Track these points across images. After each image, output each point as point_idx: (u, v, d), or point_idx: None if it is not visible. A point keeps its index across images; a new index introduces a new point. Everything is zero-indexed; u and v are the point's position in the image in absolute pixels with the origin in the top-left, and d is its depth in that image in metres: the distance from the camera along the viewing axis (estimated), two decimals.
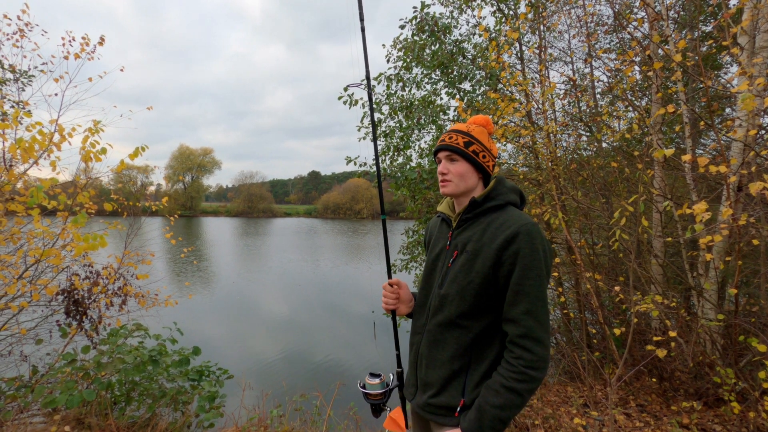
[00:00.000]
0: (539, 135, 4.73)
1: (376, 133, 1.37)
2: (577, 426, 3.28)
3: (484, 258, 1.25)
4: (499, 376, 1.20)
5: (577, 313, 4.95)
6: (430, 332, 1.38)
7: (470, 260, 1.29)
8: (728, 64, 6.05)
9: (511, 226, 1.23)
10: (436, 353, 1.35)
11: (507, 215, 1.29)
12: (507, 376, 1.18)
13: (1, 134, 3.30)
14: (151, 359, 3.68)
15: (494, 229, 1.27)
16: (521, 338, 1.19)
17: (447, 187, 1.38)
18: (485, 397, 1.20)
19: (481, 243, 1.28)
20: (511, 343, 1.21)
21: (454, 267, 1.33)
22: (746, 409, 3.10)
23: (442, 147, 1.39)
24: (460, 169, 1.35)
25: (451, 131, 1.41)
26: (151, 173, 57.51)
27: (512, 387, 1.17)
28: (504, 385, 1.18)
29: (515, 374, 1.17)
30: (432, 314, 1.38)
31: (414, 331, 1.49)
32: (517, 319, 1.20)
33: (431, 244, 1.52)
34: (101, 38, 4.21)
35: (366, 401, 1.56)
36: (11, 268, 3.52)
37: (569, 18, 6.14)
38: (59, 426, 3.20)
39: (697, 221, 2.41)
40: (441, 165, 1.40)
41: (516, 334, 1.20)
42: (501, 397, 1.17)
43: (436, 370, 1.34)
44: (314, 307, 12.98)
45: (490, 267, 1.24)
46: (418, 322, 1.47)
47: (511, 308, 1.22)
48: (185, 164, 69.25)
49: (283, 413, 3.79)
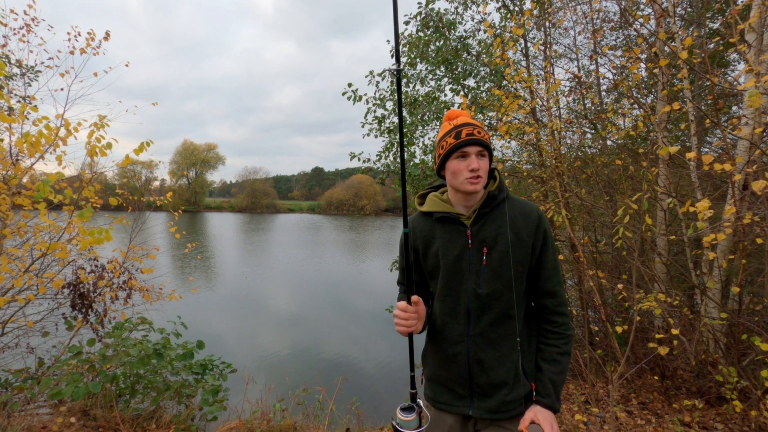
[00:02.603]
0: (543, 132, 4.72)
1: (403, 127, 1.17)
2: (579, 423, 3.29)
3: (522, 246, 1.30)
4: (551, 347, 1.33)
5: (579, 311, 4.95)
6: (481, 336, 1.32)
7: (509, 252, 1.29)
8: (735, 62, 5.99)
9: (531, 211, 1.33)
10: (496, 352, 1.32)
11: (518, 203, 1.36)
12: (559, 343, 1.32)
13: (8, 128, 3.33)
14: (155, 352, 3.71)
15: (516, 216, 1.32)
16: (560, 306, 1.34)
17: (479, 184, 1.29)
18: (549, 369, 1.31)
19: (513, 233, 1.30)
20: (553, 314, 1.34)
21: (491, 262, 1.30)
22: (748, 407, 3.09)
23: (473, 141, 1.27)
24: (487, 165, 1.32)
25: (472, 125, 1.31)
26: (155, 168, 57.78)
27: (566, 351, 1.32)
28: (560, 352, 1.31)
29: (564, 339, 1.32)
30: (476, 317, 1.32)
31: (451, 341, 1.36)
32: (554, 291, 1.33)
33: (437, 247, 1.37)
34: (106, 33, 4.22)
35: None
36: (18, 261, 3.56)
37: (575, 14, 6.10)
38: (65, 417, 3.24)
39: (700, 218, 2.40)
40: (471, 161, 1.27)
41: (555, 303, 1.34)
42: (561, 364, 1.31)
43: (501, 368, 1.31)
44: (320, 302, 13.02)
45: (529, 253, 1.31)
46: (453, 332, 1.36)
47: (547, 283, 1.33)
48: (189, 159, 69.50)
49: (286, 407, 3.82)
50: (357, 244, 29.25)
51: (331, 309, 12.33)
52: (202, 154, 70.97)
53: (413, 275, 1.47)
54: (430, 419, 1.43)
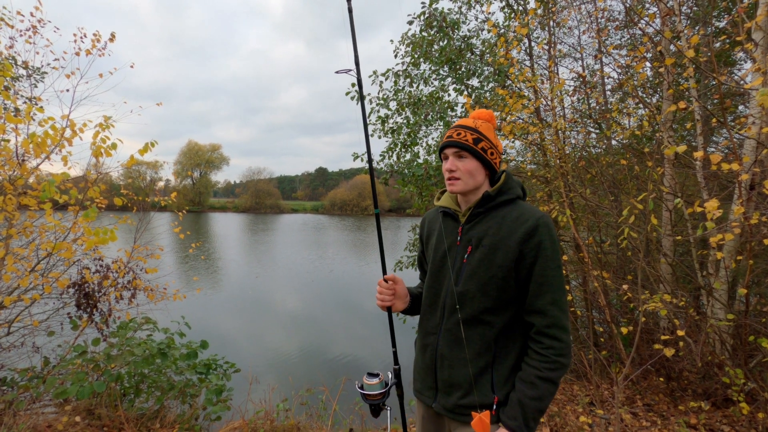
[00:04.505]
0: (548, 132, 4.70)
1: (367, 122, 1.33)
2: (583, 424, 3.27)
3: (505, 251, 1.25)
4: (532, 368, 1.21)
5: (584, 311, 4.92)
6: (449, 331, 1.33)
7: (489, 254, 1.27)
8: (742, 61, 5.94)
9: (528, 219, 1.25)
10: (460, 352, 1.31)
11: (520, 208, 1.30)
12: (540, 367, 1.20)
13: (15, 129, 3.35)
14: (159, 352, 3.73)
15: (510, 222, 1.27)
16: (549, 328, 1.21)
17: (455, 186, 1.33)
18: (522, 391, 1.20)
19: (499, 236, 1.27)
20: (540, 334, 1.23)
21: (471, 262, 1.30)
22: (755, 410, 3.06)
23: (449, 143, 1.33)
24: (468, 166, 1.32)
25: (457, 127, 1.36)
26: (160, 169, 58.05)
27: (547, 377, 1.19)
28: (539, 377, 1.19)
29: (548, 364, 1.19)
30: (449, 313, 1.34)
31: (426, 331, 1.43)
32: (543, 310, 1.22)
33: (435, 240, 1.45)
34: (112, 35, 4.24)
35: (364, 402, 1.49)
36: (24, 261, 3.59)
37: (579, 13, 6.07)
38: (70, 416, 3.26)
39: (708, 218, 2.38)
40: (449, 162, 1.34)
41: (544, 324, 1.22)
42: (538, 389, 1.19)
43: (461, 369, 1.30)
44: (325, 302, 13.03)
45: (512, 260, 1.24)
46: (429, 323, 1.42)
47: (536, 299, 1.23)
48: (193, 160, 69.82)
49: (289, 407, 3.82)
50: (361, 244, 29.26)
51: (335, 309, 12.34)
52: (207, 154, 71.27)
53: (424, 264, 1.59)
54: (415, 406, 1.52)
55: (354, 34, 1.43)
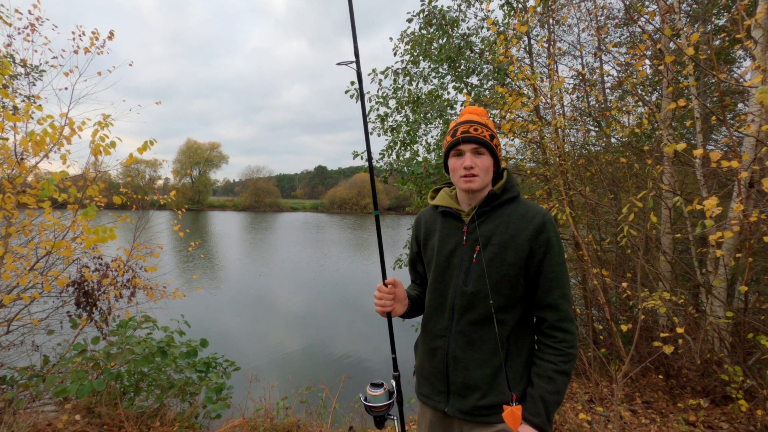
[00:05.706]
0: (547, 130, 4.69)
1: (367, 118, 1.28)
2: (582, 422, 3.28)
3: (516, 249, 1.25)
4: (547, 362, 1.24)
5: (583, 309, 4.93)
6: (461, 333, 1.31)
7: (500, 253, 1.26)
8: (741, 58, 5.94)
9: (535, 216, 1.26)
10: (474, 353, 1.29)
11: (524, 206, 1.31)
12: (556, 360, 1.23)
13: (13, 127, 3.35)
14: (159, 350, 3.73)
15: (517, 219, 1.27)
16: (561, 322, 1.24)
17: (474, 183, 1.28)
18: (541, 386, 1.22)
19: (508, 234, 1.26)
20: (552, 328, 1.25)
21: (481, 262, 1.28)
22: (754, 407, 3.07)
23: (468, 139, 1.28)
24: (486, 163, 1.29)
25: (471, 122, 1.32)
26: (159, 167, 57.91)
27: (563, 370, 1.22)
28: (556, 370, 1.22)
29: (563, 357, 1.23)
30: (459, 314, 1.31)
31: (434, 335, 1.38)
32: (555, 305, 1.25)
33: (436, 240, 1.41)
34: (110, 33, 4.23)
35: (369, 413, 1.44)
36: (23, 260, 3.58)
37: (579, 11, 6.06)
38: (70, 414, 3.26)
39: (708, 216, 2.38)
40: (466, 159, 1.29)
41: (556, 318, 1.25)
42: (556, 383, 1.21)
43: (477, 370, 1.28)
44: (326, 300, 13.04)
45: (523, 258, 1.25)
46: (437, 325, 1.37)
47: (548, 295, 1.25)
48: (192, 158, 69.75)
49: (289, 405, 3.82)
50: (361, 243, 29.25)
51: (336, 307, 12.34)
52: (206, 153, 71.19)
53: (418, 266, 1.57)
54: (418, 412, 1.49)
55: (354, 24, 1.38)
